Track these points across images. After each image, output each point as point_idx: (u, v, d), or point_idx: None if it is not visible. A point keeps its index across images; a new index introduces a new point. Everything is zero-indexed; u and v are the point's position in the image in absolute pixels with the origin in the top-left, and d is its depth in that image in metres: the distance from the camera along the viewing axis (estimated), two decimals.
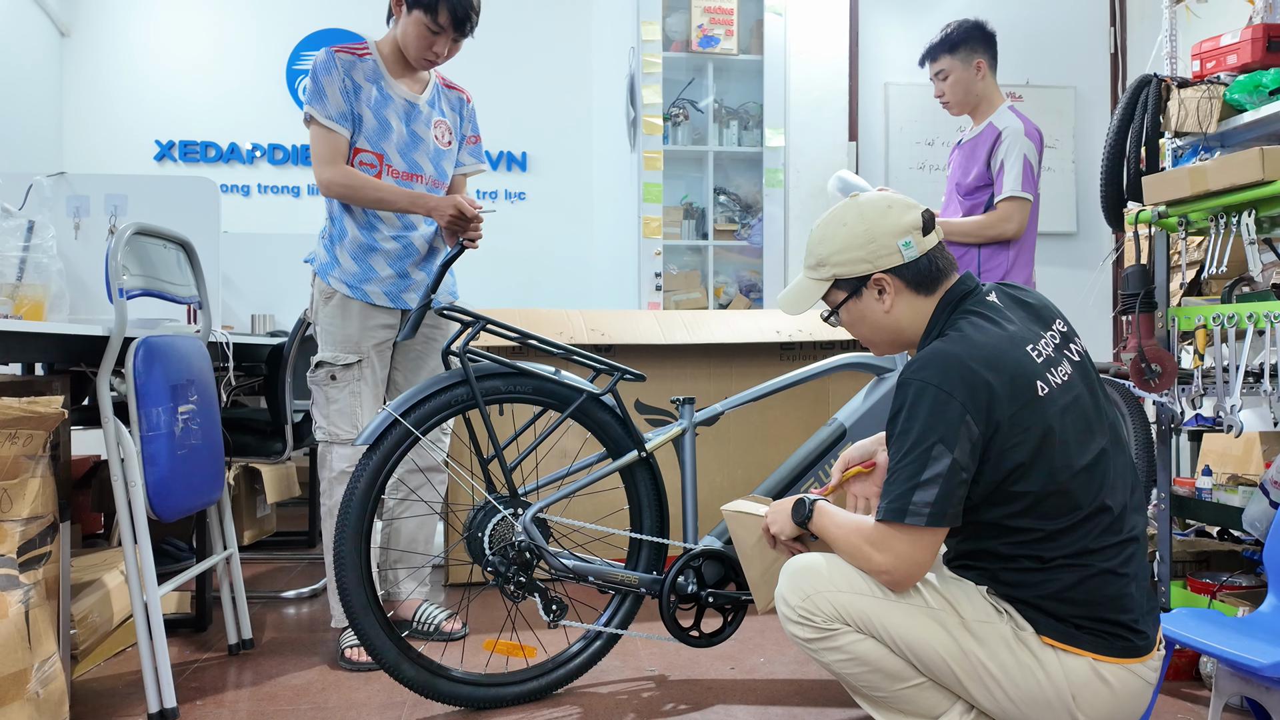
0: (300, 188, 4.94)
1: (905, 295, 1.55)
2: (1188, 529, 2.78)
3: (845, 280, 1.58)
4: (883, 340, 1.62)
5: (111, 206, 2.87)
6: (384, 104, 2.34)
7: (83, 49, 4.77)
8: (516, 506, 1.97)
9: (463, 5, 2.26)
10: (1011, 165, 2.69)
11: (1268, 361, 2.03)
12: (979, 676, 1.43)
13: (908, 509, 1.39)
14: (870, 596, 1.47)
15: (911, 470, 1.39)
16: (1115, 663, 1.41)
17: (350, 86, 2.30)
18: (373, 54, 2.36)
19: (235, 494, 3.24)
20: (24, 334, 1.82)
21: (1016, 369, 1.41)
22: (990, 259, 2.75)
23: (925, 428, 1.38)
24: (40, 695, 1.60)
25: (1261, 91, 2.28)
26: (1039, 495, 1.40)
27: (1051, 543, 1.42)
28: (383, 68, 2.36)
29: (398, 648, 1.92)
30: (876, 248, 1.53)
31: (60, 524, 1.82)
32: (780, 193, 4.16)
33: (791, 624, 1.52)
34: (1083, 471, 1.41)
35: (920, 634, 1.44)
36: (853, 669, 1.49)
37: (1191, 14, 2.81)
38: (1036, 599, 1.43)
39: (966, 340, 1.45)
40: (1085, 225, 4.45)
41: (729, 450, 3.15)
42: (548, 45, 5.10)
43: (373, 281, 2.36)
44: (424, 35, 2.28)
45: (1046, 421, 1.40)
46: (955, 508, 1.39)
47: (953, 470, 1.37)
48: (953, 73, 2.80)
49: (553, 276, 5.03)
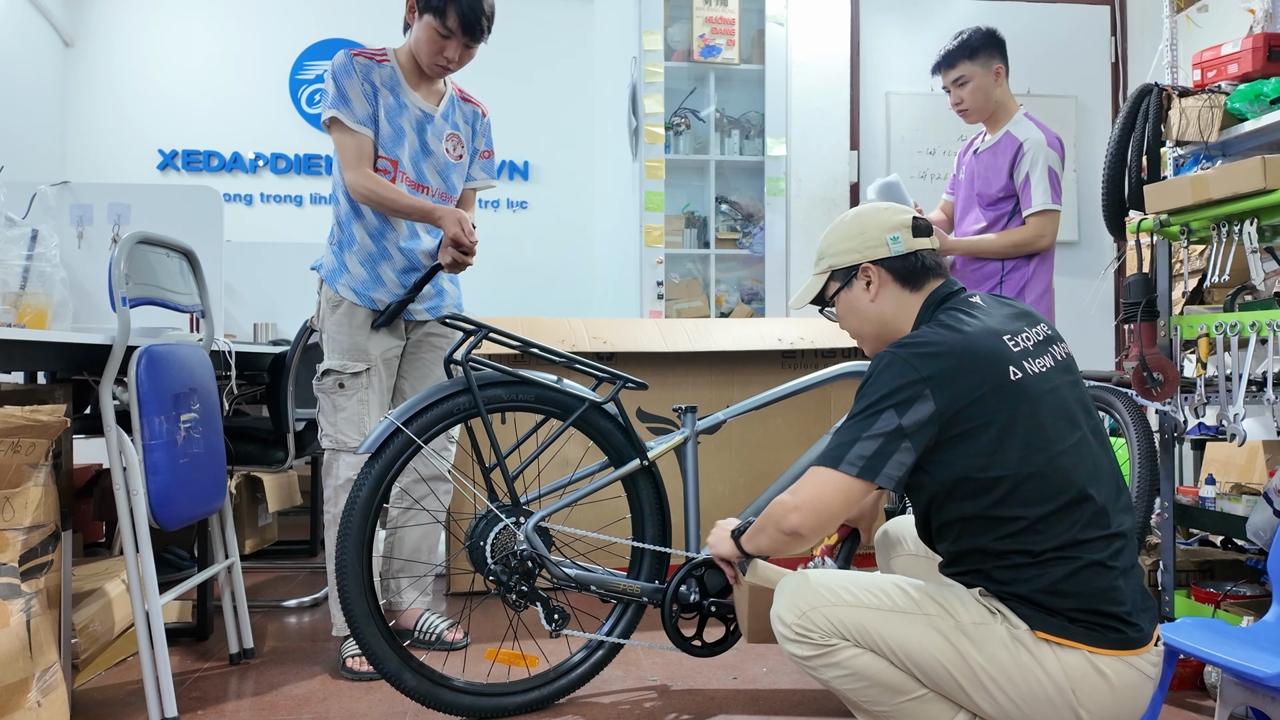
0: (303, 197, 4.95)
1: (891, 287, 1.64)
2: (1191, 538, 2.77)
3: (839, 270, 1.69)
4: (870, 333, 1.68)
5: (115, 215, 2.88)
6: (399, 112, 2.34)
7: (87, 59, 4.79)
8: (518, 515, 1.97)
9: (473, 9, 2.25)
10: (1039, 179, 2.67)
11: (1270, 370, 2.03)
12: (980, 681, 1.43)
13: (844, 457, 1.46)
14: (866, 608, 1.47)
15: (859, 427, 1.47)
16: (1111, 655, 1.41)
17: (369, 90, 2.30)
18: (390, 61, 2.36)
19: (237, 503, 3.23)
20: (27, 342, 1.82)
21: (988, 354, 1.48)
22: (1014, 269, 2.74)
23: (884, 392, 1.46)
24: (41, 704, 1.60)
25: (1262, 100, 2.28)
26: (1016, 479, 1.43)
27: (1038, 535, 1.43)
28: (400, 75, 2.36)
29: (399, 657, 1.91)
30: (866, 239, 1.65)
31: (62, 533, 1.82)
32: (782, 201, 4.17)
33: (789, 643, 1.51)
34: (1061, 455, 1.45)
35: (919, 642, 1.44)
36: (853, 684, 1.49)
37: (1192, 24, 2.82)
38: (1030, 593, 1.43)
39: (944, 327, 1.53)
40: (1087, 234, 4.46)
41: (731, 459, 3.15)
42: (550, 55, 5.12)
43: (380, 289, 2.36)
44: (434, 40, 2.28)
45: (1018, 404, 1.45)
46: (890, 471, 1.44)
47: (896, 434, 1.44)
48: (973, 79, 2.77)
49: (555, 285, 5.04)
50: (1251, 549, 2.51)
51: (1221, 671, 1.69)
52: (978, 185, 2.85)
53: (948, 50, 2.82)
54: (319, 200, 4.96)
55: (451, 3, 2.24)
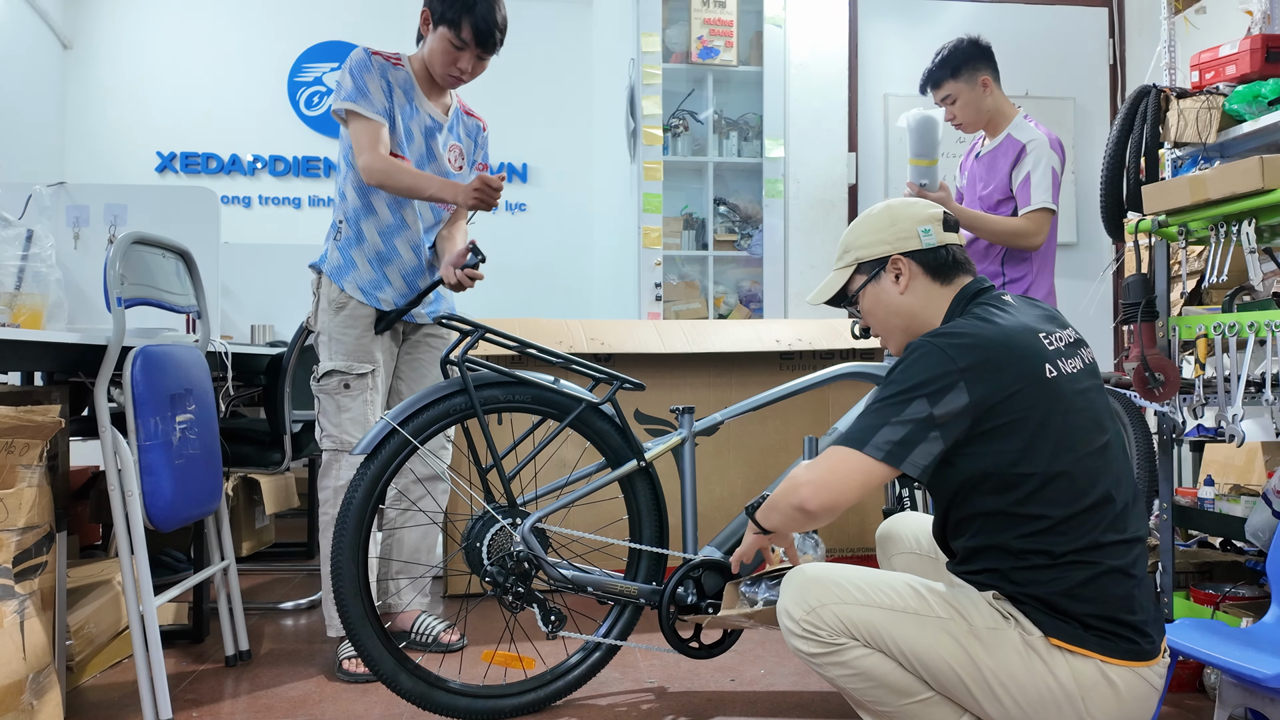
0: (301, 199, 4.95)
1: (921, 280, 1.61)
2: (1190, 540, 2.77)
3: (866, 263, 1.64)
4: (897, 326, 1.64)
5: (111, 216, 2.88)
6: (411, 115, 2.37)
7: (85, 61, 4.79)
8: (515, 516, 1.96)
9: (486, 21, 2.28)
10: (1040, 178, 2.65)
11: (1269, 371, 2.02)
12: (989, 686, 1.41)
13: (870, 440, 1.42)
14: (878, 608, 1.45)
15: (887, 411, 1.43)
16: (1122, 665, 1.40)
17: (386, 87, 2.32)
18: (405, 67, 2.38)
19: (233, 505, 3.23)
20: (22, 342, 1.81)
21: (1026, 349, 1.45)
22: (1014, 270, 2.74)
23: (918, 380, 1.42)
24: (35, 706, 1.59)
25: (1260, 102, 2.28)
26: (1044, 477, 1.41)
27: (1061, 535, 1.41)
28: (414, 80, 2.39)
29: (395, 659, 1.90)
30: (898, 230, 1.62)
31: (57, 534, 1.81)
32: (780, 203, 4.17)
33: (796, 638, 1.49)
34: (1088, 457, 1.43)
35: (930, 645, 1.42)
36: (858, 684, 1.47)
37: (1190, 25, 2.82)
38: (1048, 596, 1.41)
39: (979, 320, 1.49)
40: (1085, 236, 4.46)
41: (729, 460, 3.14)
42: (548, 57, 5.12)
43: (386, 290, 2.37)
44: (448, 51, 2.30)
45: (1052, 402, 1.43)
46: (917, 459, 1.41)
47: (926, 422, 1.40)
48: (960, 95, 2.77)
49: (552, 286, 5.04)
50: (1250, 550, 2.51)
51: (1220, 673, 1.69)
52: (979, 189, 2.84)
53: (929, 71, 2.80)
54: (317, 203, 4.96)
55: (466, 15, 2.26)
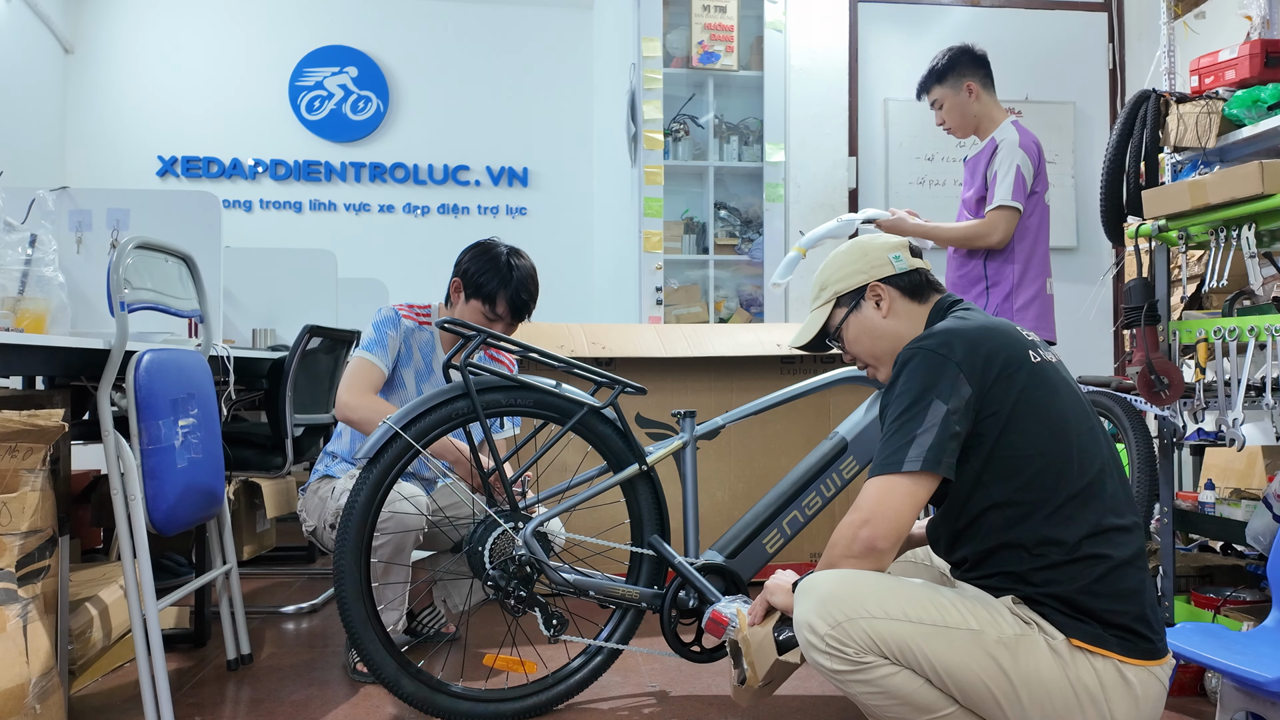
0: (302, 203, 4.96)
1: (901, 302, 1.69)
2: (1191, 544, 2.77)
3: (845, 295, 1.72)
4: (885, 349, 1.69)
5: (114, 221, 2.87)
6: (425, 375, 2.41)
7: (86, 65, 4.80)
8: (517, 520, 1.97)
9: (520, 298, 2.31)
10: (1004, 176, 2.71)
11: (1269, 375, 2.03)
12: (1018, 696, 1.38)
13: (904, 459, 1.44)
14: (908, 622, 1.40)
15: (909, 427, 1.45)
16: (1138, 665, 1.40)
17: (404, 351, 2.38)
18: (431, 324, 2.43)
19: (235, 508, 3.23)
20: (25, 347, 1.82)
21: (1009, 337, 1.52)
22: (997, 272, 2.75)
23: (922, 387, 1.46)
24: (37, 710, 1.59)
25: (1260, 106, 2.29)
26: (1044, 456, 1.44)
27: (1069, 521, 1.42)
28: (436, 339, 2.43)
29: (397, 663, 1.91)
30: (870, 260, 1.71)
31: (59, 538, 1.81)
32: (780, 207, 4.18)
33: (819, 654, 1.42)
34: (1081, 436, 1.47)
35: (962, 660, 1.39)
36: (881, 701, 1.42)
37: (1189, 30, 2.82)
38: (1067, 594, 1.40)
39: (960, 320, 1.57)
40: (1085, 240, 4.47)
41: (730, 464, 3.15)
42: (549, 62, 5.13)
43: None
44: (481, 321, 2.32)
45: (1041, 385, 1.48)
46: (949, 458, 1.44)
47: (947, 419, 1.43)
48: (945, 100, 2.85)
49: (553, 291, 5.00)
50: (1251, 554, 2.51)
51: (1222, 676, 1.69)
52: (963, 191, 2.94)
53: (920, 78, 2.90)
54: (318, 207, 4.97)
55: (502, 291, 2.29)
